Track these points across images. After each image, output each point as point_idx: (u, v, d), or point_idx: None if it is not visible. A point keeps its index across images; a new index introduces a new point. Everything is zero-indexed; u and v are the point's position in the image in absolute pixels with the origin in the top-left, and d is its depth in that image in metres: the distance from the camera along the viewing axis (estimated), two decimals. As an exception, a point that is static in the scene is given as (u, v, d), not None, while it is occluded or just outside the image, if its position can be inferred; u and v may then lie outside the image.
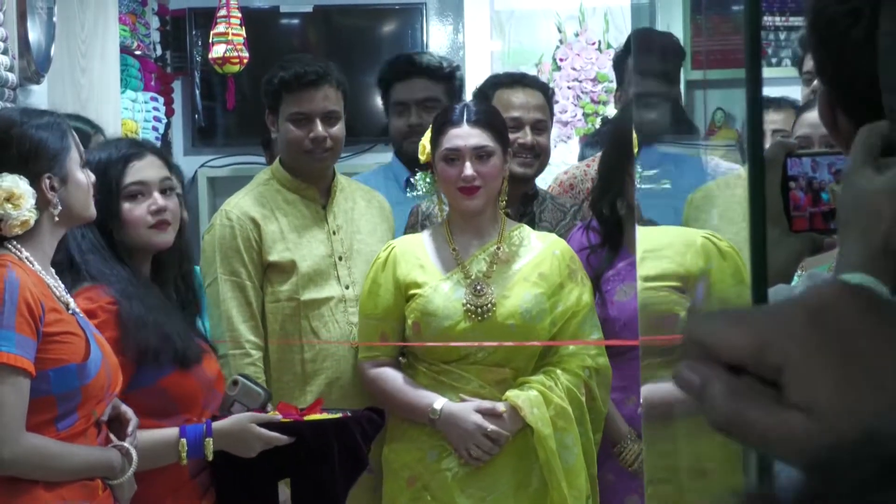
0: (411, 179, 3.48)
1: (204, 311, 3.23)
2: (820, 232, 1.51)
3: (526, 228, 3.21)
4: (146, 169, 2.83)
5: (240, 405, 2.87)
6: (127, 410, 2.62)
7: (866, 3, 0.91)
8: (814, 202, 1.48)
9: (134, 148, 2.88)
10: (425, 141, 3.21)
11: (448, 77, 3.88)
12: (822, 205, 1.48)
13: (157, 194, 2.81)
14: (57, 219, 2.49)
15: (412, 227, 3.46)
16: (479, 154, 3.06)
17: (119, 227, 2.78)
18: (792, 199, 1.47)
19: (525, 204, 3.50)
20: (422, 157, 3.26)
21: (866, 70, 0.91)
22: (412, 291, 3.11)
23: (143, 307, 2.70)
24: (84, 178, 2.54)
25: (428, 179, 3.24)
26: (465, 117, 3.10)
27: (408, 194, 3.67)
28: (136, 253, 2.81)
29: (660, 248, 3.00)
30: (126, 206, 2.79)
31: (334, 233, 3.31)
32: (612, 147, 3.25)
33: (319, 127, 3.25)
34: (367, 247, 3.30)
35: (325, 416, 2.89)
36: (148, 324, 2.68)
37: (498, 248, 3.13)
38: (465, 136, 3.07)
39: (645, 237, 2.99)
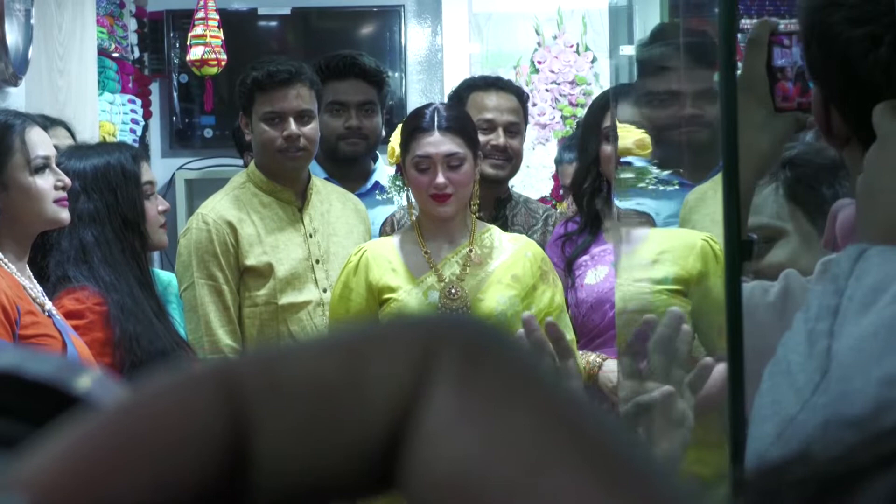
0: (384, 183, 3.48)
1: (174, 314, 3.21)
2: (807, 111, 1.48)
3: (496, 230, 3.20)
4: (150, 170, 2.87)
5: None
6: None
7: (883, 28, 0.91)
8: (802, 92, 1.45)
9: (138, 149, 2.93)
10: (394, 144, 3.21)
11: (382, 83, 3.84)
12: (811, 94, 1.46)
13: (158, 195, 2.85)
14: None
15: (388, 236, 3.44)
16: (451, 163, 3.05)
17: (145, 226, 2.79)
18: (780, 90, 1.45)
19: (497, 207, 3.50)
20: (391, 160, 3.25)
21: (876, 81, 0.91)
22: (386, 296, 3.10)
23: (135, 308, 2.68)
24: (32, 182, 2.46)
25: (398, 182, 3.24)
26: (435, 124, 3.08)
27: (377, 196, 3.67)
28: (144, 253, 2.81)
29: (668, 251, 3.00)
30: (145, 204, 2.82)
31: (311, 235, 3.29)
32: (587, 132, 3.25)
33: (293, 125, 3.23)
34: (343, 249, 3.28)
35: None
36: (138, 326, 2.67)
37: (470, 251, 3.12)
38: (437, 143, 3.05)
39: (655, 239, 2.99)
